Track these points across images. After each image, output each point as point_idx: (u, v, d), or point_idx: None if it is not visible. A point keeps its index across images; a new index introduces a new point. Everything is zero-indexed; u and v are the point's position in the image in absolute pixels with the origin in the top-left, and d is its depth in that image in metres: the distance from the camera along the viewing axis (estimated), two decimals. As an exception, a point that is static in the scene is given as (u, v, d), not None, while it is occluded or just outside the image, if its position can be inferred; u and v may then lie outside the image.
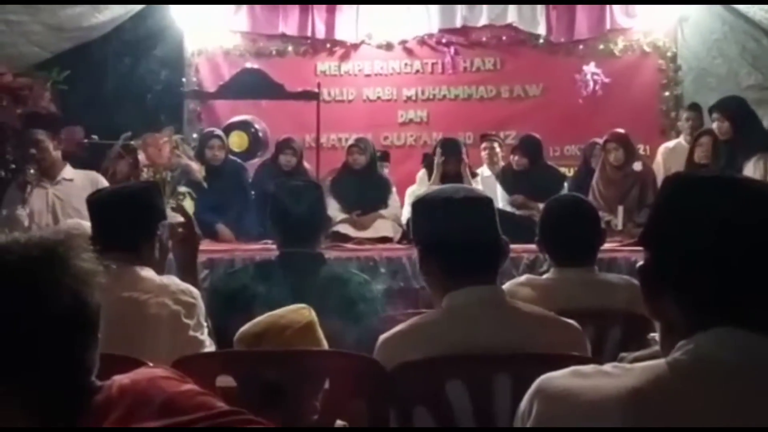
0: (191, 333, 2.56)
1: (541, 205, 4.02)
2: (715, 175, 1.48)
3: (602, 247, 3.31)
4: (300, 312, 2.30)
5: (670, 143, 7.56)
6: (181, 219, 3.30)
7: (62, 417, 1.28)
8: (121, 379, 1.35)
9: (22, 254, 1.28)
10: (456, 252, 2.15)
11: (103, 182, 5.38)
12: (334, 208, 6.18)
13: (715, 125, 6.13)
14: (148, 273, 2.64)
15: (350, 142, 7.10)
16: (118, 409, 1.28)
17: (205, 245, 6.03)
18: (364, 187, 6.65)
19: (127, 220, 2.66)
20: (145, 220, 2.76)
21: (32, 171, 5.25)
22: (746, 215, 1.26)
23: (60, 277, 1.28)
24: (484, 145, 7.49)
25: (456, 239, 2.14)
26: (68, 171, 5.46)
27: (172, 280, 2.67)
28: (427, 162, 7.07)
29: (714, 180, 1.37)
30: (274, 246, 5.44)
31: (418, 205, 2.30)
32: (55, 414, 1.28)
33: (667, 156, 7.23)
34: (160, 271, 2.73)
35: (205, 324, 2.65)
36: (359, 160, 6.77)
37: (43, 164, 5.32)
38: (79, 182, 5.40)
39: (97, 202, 2.81)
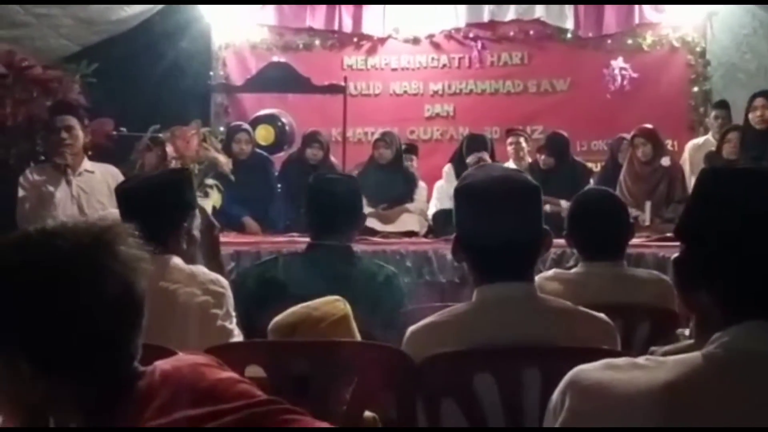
0: (220, 322, 2.57)
1: (565, 203, 4.01)
2: (751, 169, 1.47)
3: (630, 243, 3.28)
4: (335, 304, 2.31)
5: (699, 140, 7.50)
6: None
7: (107, 402, 1.29)
8: (162, 365, 1.36)
9: (73, 240, 1.28)
10: (492, 247, 2.10)
11: (121, 176, 5.38)
12: (360, 202, 6.19)
13: (756, 113, 6.05)
14: (177, 262, 2.64)
15: (376, 136, 7.10)
16: (161, 395, 1.29)
17: (231, 237, 6.11)
18: (391, 181, 6.66)
19: (156, 209, 2.61)
20: (174, 209, 2.75)
21: (69, 155, 5.25)
22: None
23: (110, 263, 1.29)
24: (510, 140, 7.45)
25: (496, 235, 2.07)
26: (87, 163, 5.44)
27: (201, 270, 2.67)
28: (455, 158, 7.05)
29: (750, 173, 1.36)
30: (300, 238, 5.53)
31: (462, 190, 2.19)
32: (100, 399, 1.29)
33: (695, 153, 7.17)
34: (189, 260, 2.73)
35: (233, 314, 2.65)
36: (385, 155, 6.78)
37: (73, 149, 5.32)
38: (99, 175, 5.39)
39: (126, 192, 2.80)
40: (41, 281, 1.25)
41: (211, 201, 5.77)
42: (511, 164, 7.28)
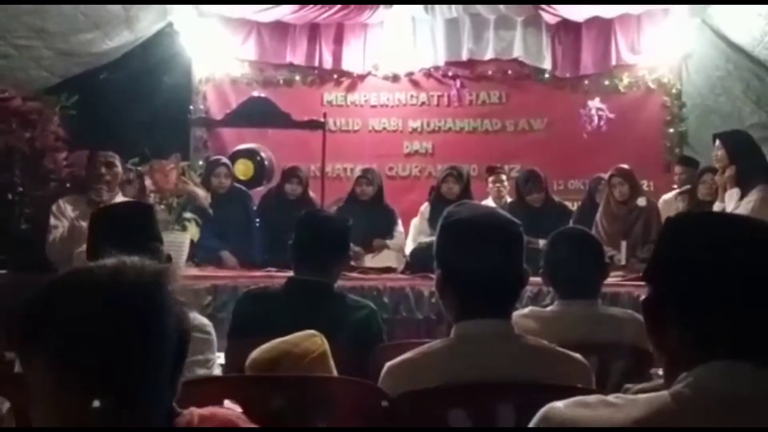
0: (197, 370, 2.55)
1: (543, 241, 4.04)
2: (716, 214, 1.52)
3: (605, 282, 3.32)
4: (312, 340, 2.32)
5: (668, 195, 7.51)
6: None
7: None
8: (199, 410, 1.40)
9: (135, 278, 1.31)
10: (477, 285, 2.13)
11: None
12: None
13: (713, 153, 6.15)
14: None
15: (358, 173, 7.14)
16: None
17: (208, 271, 6.12)
18: (371, 217, 6.68)
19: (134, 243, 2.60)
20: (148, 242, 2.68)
21: (103, 189, 5.24)
22: (746, 252, 1.29)
23: (168, 302, 1.32)
24: (492, 178, 7.50)
25: (480, 271, 2.10)
26: (119, 199, 5.41)
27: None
28: (433, 196, 7.09)
29: (715, 218, 1.41)
30: (278, 273, 5.53)
31: (447, 226, 2.22)
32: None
33: (666, 207, 7.20)
34: None
35: (214, 356, 2.63)
36: (367, 191, 6.83)
37: (111, 186, 5.32)
38: None
39: (98, 222, 2.78)
40: (110, 319, 1.27)
41: (188, 234, 5.78)
42: (490, 202, 7.34)
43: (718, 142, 6.04)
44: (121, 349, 1.26)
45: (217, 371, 2.63)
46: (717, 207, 5.96)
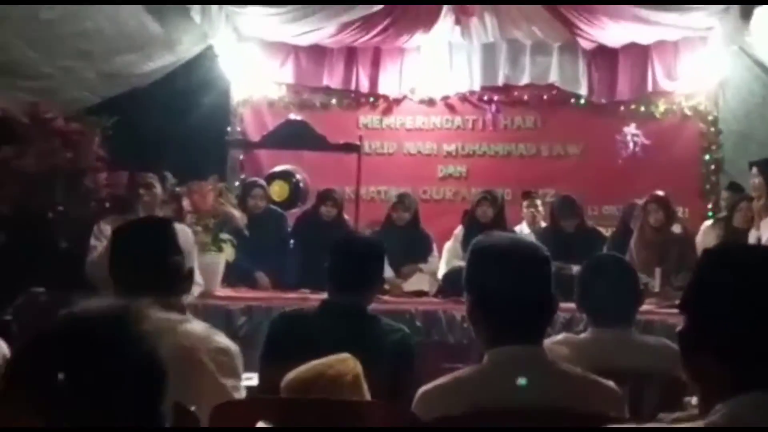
0: (228, 390, 2.48)
1: (576, 267, 4.04)
2: (752, 246, 1.53)
3: (639, 309, 3.32)
4: (346, 363, 2.34)
5: (708, 222, 7.45)
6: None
7: None
8: None
9: (91, 324, 1.36)
10: (507, 311, 2.14)
11: (191, 236, 5.39)
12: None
13: (750, 181, 6.12)
14: (188, 327, 2.56)
15: (393, 198, 7.12)
16: None
17: (242, 292, 6.17)
18: (407, 243, 6.70)
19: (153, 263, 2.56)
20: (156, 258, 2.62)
21: (140, 212, 5.32)
22: None
23: (136, 333, 1.36)
24: (527, 203, 7.49)
25: (510, 298, 2.12)
26: None
27: (211, 334, 2.57)
28: (466, 219, 7.10)
29: (751, 250, 1.42)
30: (312, 296, 5.57)
31: (476, 253, 2.25)
32: None
33: (705, 235, 7.16)
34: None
35: (235, 383, 2.56)
36: (403, 217, 6.83)
37: (150, 207, 5.40)
38: None
39: (116, 239, 2.76)
40: (76, 352, 1.32)
41: (224, 255, 5.84)
42: (524, 227, 7.33)
43: (754, 169, 6.02)
44: (81, 391, 1.29)
45: (242, 394, 2.58)
46: (753, 235, 5.93)
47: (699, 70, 8.54)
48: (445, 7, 7.82)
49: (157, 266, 2.58)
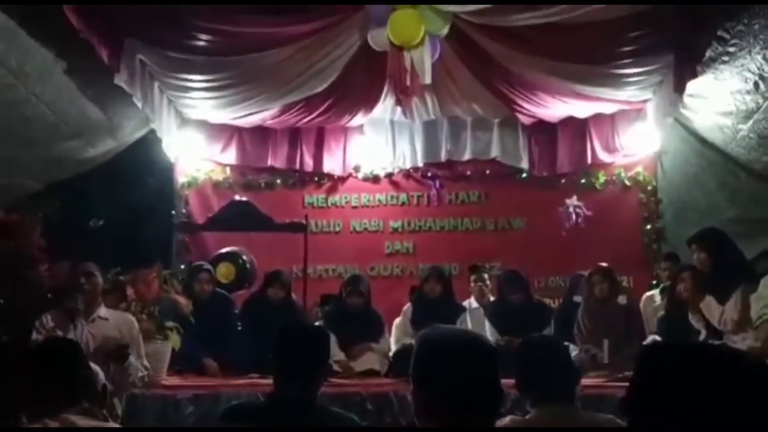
0: None
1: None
2: (687, 346, 1.57)
3: (588, 383, 3.35)
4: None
5: (650, 292, 7.60)
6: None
7: None
8: None
9: None
10: (455, 405, 2.10)
11: (136, 325, 5.33)
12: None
13: (694, 257, 6.23)
14: None
15: (347, 283, 6.97)
16: None
17: (190, 380, 6.05)
18: (359, 323, 6.66)
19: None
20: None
21: (79, 302, 5.21)
22: (716, 386, 1.33)
23: None
24: (474, 277, 7.51)
25: (456, 392, 2.09)
26: (103, 310, 5.38)
27: None
28: (414, 296, 7.11)
29: (687, 350, 1.46)
30: (261, 380, 5.49)
31: (423, 345, 2.22)
32: None
33: (647, 304, 7.28)
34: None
35: None
36: (357, 303, 6.77)
37: (89, 297, 5.29)
38: (113, 322, 5.31)
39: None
40: None
41: (169, 344, 5.75)
42: (473, 302, 7.35)
43: (694, 246, 6.14)
44: None
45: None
46: (693, 318, 6.04)
47: (637, 142, 8.77)
48: (386, 88, 7.94)
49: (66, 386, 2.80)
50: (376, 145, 9.17)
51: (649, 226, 8.79)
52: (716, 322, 5.83)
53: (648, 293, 7.50)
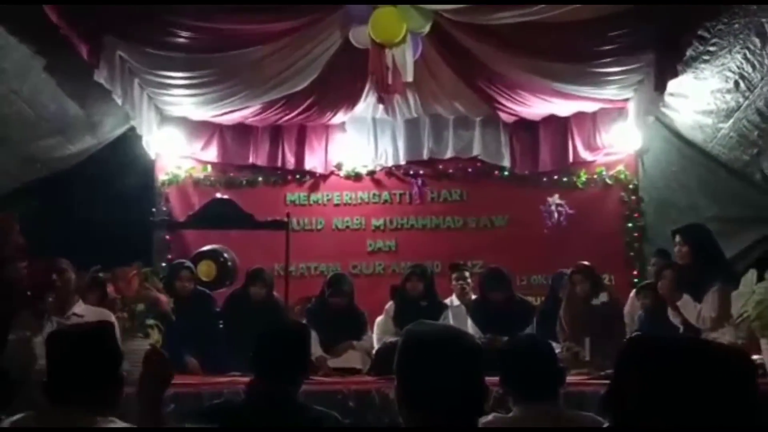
0: None
1: (506, 338, 4.07)
2: (666, 341, 1.56)
3: (571, 380, 3.35)
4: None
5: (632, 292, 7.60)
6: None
7: None
8: None
9: None
10: (438, 403, 2.09)
11: (114, 322, 5.25)
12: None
13: (675, 249, 6.24)
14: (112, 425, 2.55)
15: (330, 282, 6.91)
16: None
17: (171, 378, 5.99)
18: (341, 321, 6.64)
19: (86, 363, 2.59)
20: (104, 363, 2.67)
21: (51, 300, 5.11)
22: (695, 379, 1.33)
23: None
24: (455, 275, 7.47)
25: (440, 391, 2.08)
26: (80, 306, 5.26)
27: None
28: (396, 294, 7.08)
29: (666, 344, 1.45)
30: (242, 378, 5.45)
31: (408, 341, 2.20)
32: None
33: (632, 302, 7.30)
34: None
35: None
36: (340, 303, 6.75)
37: (61, 294, 5.19)
38: (89, 319, 5.07)
39: (55, 345, 2.70)
40: None
41: (151, 341, 5.70)
42: (454, 300, 7.33)
43: (678, 237, 6.14)
44: None
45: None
46: (671, 314, 6.07)
47: (618, 140, 8.80)
48: (368, 86, 7.93)
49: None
50: (358, 143, 9.16)
51: (630, 224, 8.83)
52: (694, 320, 5.86)
53: (634, 292, 7.52)
